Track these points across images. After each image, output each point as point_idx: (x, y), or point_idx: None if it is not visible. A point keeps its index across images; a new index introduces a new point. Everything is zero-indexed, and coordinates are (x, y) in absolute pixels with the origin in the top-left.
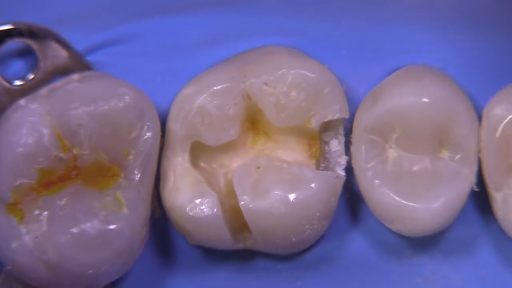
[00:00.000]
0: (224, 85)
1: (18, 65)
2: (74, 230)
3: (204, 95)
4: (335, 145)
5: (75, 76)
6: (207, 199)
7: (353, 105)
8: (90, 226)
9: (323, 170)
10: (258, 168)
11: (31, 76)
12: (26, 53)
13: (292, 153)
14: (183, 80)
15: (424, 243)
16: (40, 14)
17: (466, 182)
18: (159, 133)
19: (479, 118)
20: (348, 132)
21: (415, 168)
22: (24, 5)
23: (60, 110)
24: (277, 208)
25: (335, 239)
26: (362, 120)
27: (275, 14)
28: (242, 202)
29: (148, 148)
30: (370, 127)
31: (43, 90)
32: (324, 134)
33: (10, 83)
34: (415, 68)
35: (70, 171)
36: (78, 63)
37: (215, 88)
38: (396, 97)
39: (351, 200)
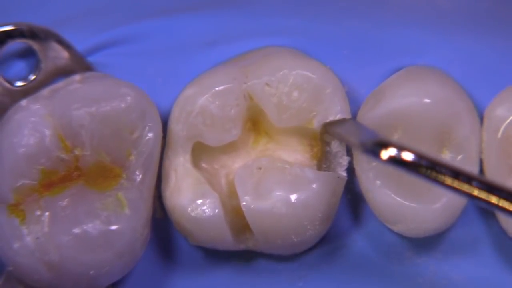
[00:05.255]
0: (225, 85)
1: (19, 66)
2: (76, 230)
3: (206, 95)
4: (337, 145)
5: (77, 77)
6: (208, 200)
7: (354, 105)
8: (91, 226)
9: (324, 170)
10: (260, 168)
11: (32, 77)
12: (27, 54)
13: (293, 153)
14: (185, 81)
15: (425, 244)
16: (42, 15)
17: None
18: (160, 134)
19: (481, 118)
20: None
21: None
22: (26, 6)
23: (62, 111)
24: (279, 208)
25: (337, 239)
26: (364, 120)
27: (277, 15)
28: (244, 203)
29: (150, 149)
30: (372, 128)
31: (45, 91)
32: (325, 134)
33: (12, 84)
34: (416, 69)
35: (72, 172)
36: (80, 64)
37: (216, 89)
38: (398, 98)
39: (353, 200)
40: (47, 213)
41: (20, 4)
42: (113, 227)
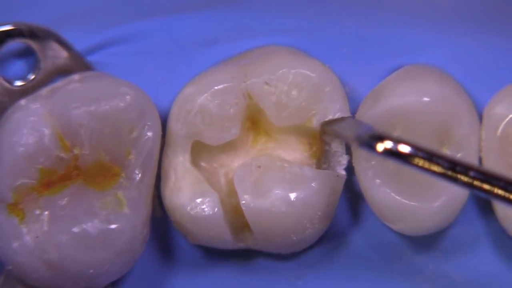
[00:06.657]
0: (225, 84)
1: (18, 65)
2: (75, 229)
3: (205, 94)
4: (336, 144)
5: (76, 76)
6: (208, 199)
7: (354, 104)
8: (91, 225)
9: (324, 169)
10: (259, 167)
11: (31, 77)
12: (26, 53)
13: (293, 152)
14: (184, 80)
15: (425, 242)
16: (41, 14)
17: None
18: (160, 133)
19: (480, 117)
20: None
21: None
22: (25, 5)
23: (61, 110)
24: (278, 207)
25: (336, 238)
26: (363, 119)
27: (276, 13)
28: (243, 202)
29: (149, 148)
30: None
31: (44, 90)
32: (325, 135)
33: (11, 83)
34: (416, 68)
35: (71, 171)
36: (79, 63)
37: (216, 87)
38: (397, 96)
39: (352, 199)
40: (46, 212)
41: (19, 3)
42: (113, 226)
